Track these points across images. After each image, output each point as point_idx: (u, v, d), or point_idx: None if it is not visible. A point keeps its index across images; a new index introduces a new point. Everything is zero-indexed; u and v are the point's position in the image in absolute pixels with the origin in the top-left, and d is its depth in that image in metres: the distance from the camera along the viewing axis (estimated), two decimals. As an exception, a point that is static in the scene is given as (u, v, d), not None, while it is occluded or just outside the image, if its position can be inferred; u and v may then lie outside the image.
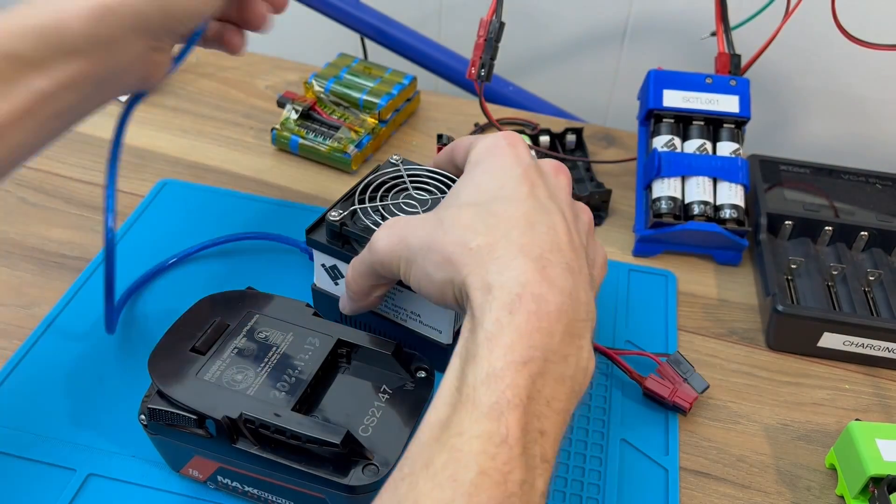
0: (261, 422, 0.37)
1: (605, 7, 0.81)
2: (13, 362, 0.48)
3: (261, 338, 0.42)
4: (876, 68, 0.75)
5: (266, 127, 0.70)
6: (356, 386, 0.42)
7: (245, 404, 0.38)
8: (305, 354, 0.42)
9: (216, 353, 0.41)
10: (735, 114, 0.60)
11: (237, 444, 0.38)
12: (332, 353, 0.42)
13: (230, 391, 0.39)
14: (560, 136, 0.69)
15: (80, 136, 0.67)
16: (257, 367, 0.41)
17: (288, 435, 0.37)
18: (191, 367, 0.40)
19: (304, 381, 0.40)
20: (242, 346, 0.42)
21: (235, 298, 0.45)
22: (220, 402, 0.38)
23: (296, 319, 0.43)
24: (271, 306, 0.44)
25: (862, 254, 0.59)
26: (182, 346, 0.41)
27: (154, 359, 0.41)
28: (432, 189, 0.49)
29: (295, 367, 0.41)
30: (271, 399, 0.39)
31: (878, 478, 0.42)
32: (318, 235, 0.48)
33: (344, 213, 0.46)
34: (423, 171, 0.49)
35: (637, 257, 0.60)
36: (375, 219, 0.46)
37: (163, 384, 0.39)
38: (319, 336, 0.43)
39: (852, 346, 0.52)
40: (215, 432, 0.38)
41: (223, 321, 0.43)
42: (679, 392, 0.48)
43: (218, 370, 0.40)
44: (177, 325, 0.43)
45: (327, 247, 0.47)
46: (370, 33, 0.79)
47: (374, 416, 0.40)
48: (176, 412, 0.38)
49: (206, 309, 0.44)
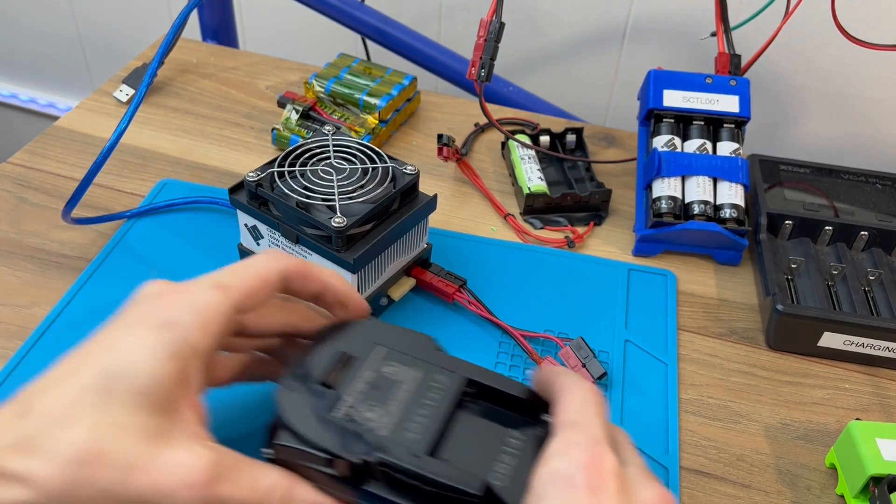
0: (398, 466, 0.35)
1: (604, 7, 0.81)
2: (14, 362, 0.48)
3: (388, 373, 0.39)
4: (876, 68, 0.75)
5: (267, 127, 0.70)
6: (484, 428, 0.38)
7: (380, 446, 0.35)
8: (435, 393, 0.38)
9: (344, 387, 0.38)
10: (735, 114, 0.60)
11: (367, 485, 0.36)
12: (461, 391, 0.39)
13: (363, 430, 0.36)
14: (560, 136, 0.69)
15: (81, 135, 0.67)
16: (387, 406, 0.37)
17: (425, 481, 0.35)
18: (319, 403, 0.37)
19: (437, 422, 0.37)
20: (371, 381, 0.39)
21: (359, 329, 0.42)
22: (353, 443, 0.36)
23: (421, 354, 0.40)
24: (395, 339, 0.41)
25: (862, 253, 0.59)
26: (309, 380, 0.38)
27: (281, 393, 0.38)
28: (354, 160, 0.51)
29: (425, 406, 0.37)
30: (406, 440, 0.36)
31: (879, 477, 0.42)
32: (240, 196, 0.50)
33: (262, 175, 0.49)
34: (351, 143, 0.52)
35: (637, 257, 0.60)
36: (291, 184, 0.48)
37: (293, 421, 0.36)
38: (447, 374, 0.39)
39: (852, 345, 0.52)
40: (350, 472, 0.36)
41: (347, 354, 0.40)
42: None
43: (348, 406, 0.37)
44: (301, 358, 0.40)
45: (247, 207, 0.50)
46: (370, 34, 0.79)
47: (505, 462, 0.36)
48: (307, 451, 0.36)
49: (331, 339, 0.41)
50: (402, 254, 0.52)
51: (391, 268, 0.52)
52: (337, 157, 0.51)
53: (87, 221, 0.57)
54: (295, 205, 0.48)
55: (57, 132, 0.68)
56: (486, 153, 0.69)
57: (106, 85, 0.73)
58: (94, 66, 1.14)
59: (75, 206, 0.55)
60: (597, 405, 0.35)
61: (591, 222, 0.62)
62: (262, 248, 0.52)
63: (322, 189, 0.48)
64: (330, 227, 0.46)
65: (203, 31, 0.84)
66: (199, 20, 0.84)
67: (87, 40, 1.11)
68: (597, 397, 0.36)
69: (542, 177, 0.63)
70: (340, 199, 0.48)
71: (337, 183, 0.49)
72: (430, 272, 0.54)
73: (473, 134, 0.71)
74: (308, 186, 0.49)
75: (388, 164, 0.51)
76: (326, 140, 0.52)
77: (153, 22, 1.03)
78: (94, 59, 1.13)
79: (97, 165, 0.54)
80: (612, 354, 0.52)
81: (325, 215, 0.47)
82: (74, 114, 0.70)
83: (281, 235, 0.49)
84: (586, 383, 0.37)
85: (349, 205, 0.48)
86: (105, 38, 1.10)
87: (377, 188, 0.49)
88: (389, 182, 0.50)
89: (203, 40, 0.84)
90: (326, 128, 0.53)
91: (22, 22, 1.13)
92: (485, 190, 0.64)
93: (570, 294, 0.56)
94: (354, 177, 0.50)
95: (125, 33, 1.07)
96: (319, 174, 0.49)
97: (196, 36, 0.84)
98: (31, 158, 0.65)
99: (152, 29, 1.00)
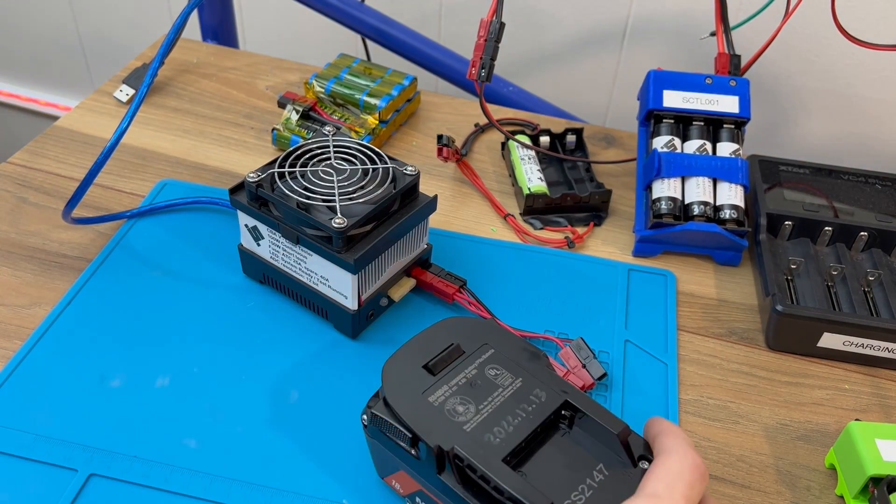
0: (469, 463, 0.36)
1: (604, 7, 0.81)
2: (14, 362, 0.48)
3: (490, 375, 0.40)
4: (876, 68, 0.75)
5: (267, 127, 0.70)
6: (572, 455, 0.38)
7: (459, 440, 0.36)
8: (529, 405, 0.39)
9: (445, 377, 0.40)
10: (735, 114, 0.60)
11: (442, 475, 0.37)
12: (557, 412, 0.39)
13: (449, 421, 0.37)
14: (560, 137, 0.69)
15: (81, 135, 0.67)
16: (480, 405, 0.39)
17: (492, 486, 0.35)
18: (419, 385, 0.39)
19: (522, 433, 0.37)
20: (472, 377, 0.40)
21: (477, 326, 0.43)
22: (436, 429, 0.37)
23: (529, 366, 0.41)
24: (509, 344, 0.42)
25: (861, 254, 0.59)
26: (416, 362, 0.40)
27: (388, 367, 0.40)
28: (354, 160, 0.51)
29: (516, 416, 0.38)
30: (485, 442, 0.37)
31: (878, 478, 0.42)
32: (240, 196, 0.50)
33: (262, 176, 0.49)
34: (352, 144, 0.52)
35: (637, 257, 0.60)
36: (291, 184, 0.48)
37: (390, 394, 0.38)
38: (548, 390, 0.40)
39: (852, 346, 0.52)
40: (425, 457, 0.37)
41: (459, 347, 0.42)
42: (570, 376, 0.48)
43: (443, 395, 0.39)
44: (416, 339, 0.42)
45: (247, 207, 0.50)
46: (371, 34, 0.79)
47: (584, 493, 0.36)
48: (395, 425, 0.38)
49: (447, 330, 0.43)
50: (403, 254, 0.52)
51: (391, 268, 0.52)
52: (337, 157, 0.51)
53: (87, 221, 0.57)
54: (295, 205, 0.48)
55: (57, 132, 0.68)
56: (486, 153, 0.69)
57: (106, 85, 0.73)
58: (94, 66, 1.14)
59: (75, 206, 0.55)
60: (687, 485, 0.33)
61: (591, 223, 0.62)
62: (263, 248, 0.52)
63: (322, 190, 0.48)
64: (330, 228, 0.46)
65: (203, 32, 0.84)
66: (199, 20, 0.84)
67: (87, 40, 1.11)
68: (692, 474, 0.34)
69: (542, 177, 0.63)
70: (341, 200, 0.48)
71: (337, 183, 0.49)
72: (430, 273, 0.54)
73: (473, 134, 0.71)
74: (308, 187, 0.49)
75: (389, 165, 0.51)
76: (327, 141, 0.52)
77: (153, 22, 1.03)
78: (95, 59, 1.13)
79: (98, 166, 0.54)
80: (612, 355, 0.52)
81: (326, 216, 0.47)
82: (75, 114, 0.70)
83: (281, 236, 0.49)
84: (690, 453, 0.35)
85: (349, 205, 0.48)
86: (105, 38, 1.10)
87: (377, 189, 0.49)
88: (390, 183, 0.50)
89: (203, 40, 0.84)
90: (327, 128, 0.53)
91: (22, 22, 1.13)
92: (485, 190, 0.65)
93: (569, 294, 0.56)
94: (355, 177, 0.50)
95: (125, 33, 1.07)
96: (320, 175, 0.49)
97: (196, 36, 0.84)
98: (32, 158, 0.65)
99: (152, 29, 1.00)
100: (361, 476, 0.44)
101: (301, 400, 0.48)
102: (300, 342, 0.51)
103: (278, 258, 0.51)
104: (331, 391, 0.48)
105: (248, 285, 0.54)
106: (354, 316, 0.50)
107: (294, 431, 0.46)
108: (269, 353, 0.50)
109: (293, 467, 0.44)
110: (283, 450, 0.45)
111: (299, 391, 0.48)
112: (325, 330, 0.52)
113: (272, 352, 0.50)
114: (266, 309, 0.53)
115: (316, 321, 0.52)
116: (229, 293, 0.54)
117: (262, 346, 0.51)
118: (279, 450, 0.45)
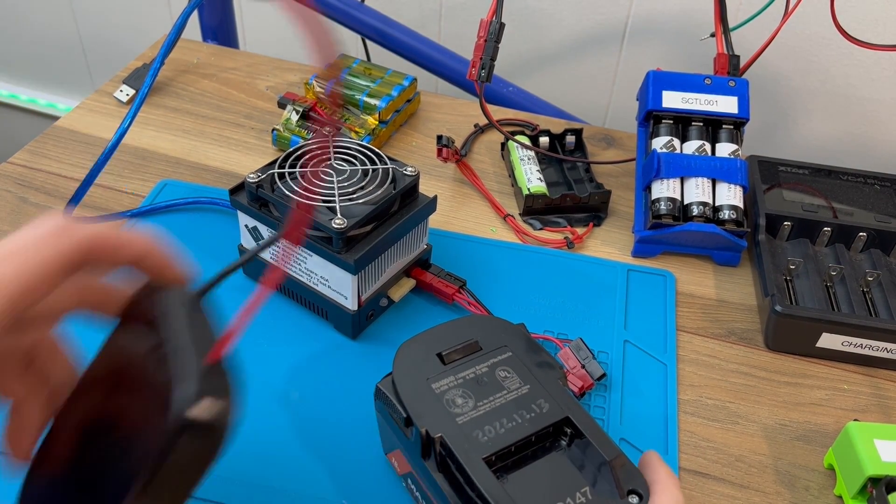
0: (450, 453, 0.37)
1: (604, 7, 0.81)
2: (15, 362, 0.48)
3: (500, 376, 0.41)
4: (875, 69, 0.75)
5: (267, 128, 0.70)
6: (561, 472, 0.38)
7: (449, 429, 0.37)
8: (528, 413, 0.39)
9: (455, 369, 0.40)
10: (734, 115, 0.60)
11: (426, 461, 0.38)
12: (555, 427, 0.39)
13: (445, 410, 0.38)
14: (560, 137, 0.69)
15: (81, 135, 0.67)
16: (479, 401, 0.39)
17: (465, 480, 0.36)
18: (427, 371, 0.40)
19: (511, 438, 0.38)
20: (480, 375, 0.41)
21: (502, 328, 0.44)
22: (430, 415, 0.38)
23: (541, 375, 0.41)
24: (527, 351, 0.42)
25: (860, 254, 0.59)
26: (431, 349, 0.41)
27: (403, 348, 0.41)
28: (354, 161, 0.51)
29: (512, 420, 0.38)
30: (472, 437, 0.37)
31: (877, 478, 0.42)
32: (241, 197, 0.51)
33: (262, 177, 0.49)
34: (351, 144, 0.52)
35: (636, 258, 0.60)
36: (291, 185, 0.49)
37: (397, 374, 0.40)
38: (552, 403, 0.39)
39: (851, 346, 0.52)
40: (414, 439, 0.38)
41: (477, 343, 0.42)
42: (569, 376, 0.48)
43: (447, 385, 0.39)
44: (438, 328, 0.43)
45: (247, 208, 0.50)
46: (371, 34, 0.79)
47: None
48: (394, 403, 0.39)
49: (472, 325, 0.43)
50: (402, 255, 0.52)
51: (391, 269, 0.52)
52: (337, 158, 0.51)
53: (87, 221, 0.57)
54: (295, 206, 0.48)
55: (57, 132, 0.68)
56: (486, 154, 0.70)
57: (106, 85, 0.73)
58: (94, 66, 1.14)
59: (76, 206, 0.55)
60: None
61: (591, 223, 0.62)
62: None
63: (322, 190, 0.48)
64: (330, 229, 0.46)
65: (203, 32, 0.84)
66: (199, 20, 0.84)
67: (87, 40, 1.11)
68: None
69: (541, 178, 0.63)
70: (341, 201, 0.48)
71: (337, 184, 0.49)
72: (430, 273, 0.54)
73: (473, 135, 0.71)
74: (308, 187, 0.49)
75: (389, 166, 0.51)
76: (326, 141, 0.52)
77: (154, 22, 1.03)
78: (95, 59, 1.13)
79: (98, 166, 0.54)
80: (612, 355, 0.52)
81: (326, 216, 0.47)
82: (75, 114, 0.70)
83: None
84: (675, 492, 0.35)
85: (349, 206, 0.48)
86: (106, 38, 1.10)
87: (377, 189, 0.49)
88: (390, 183, 0.50)
89: (203, 41, 0.84)
90: (327, 130, 0.53)
91: (22, 22, 1.13)
92: (484, 191, 0.65)
93: (569, 295, 0.56)
94: (355, 178, 0.50)
95: (126, 33, 1.07)
96: (319, 175, 0.49)
97: (196, 36, 0.84)
98: (32, 158, 0.65)
99: (153, 29, 1.00)
100: (361, 476, 0.44)
101: (301, 400, 0.48)
102: (300, 342, 0.51)
103: (278, 258, 0.51)
104: (331, 391, 0.48)
105: (249, 285, 0.54)
106: (354, 316, 0.50)
107: (294, 431, 0.46)
108: (269, 353, 0.50)
109: (293, 467, 0.44)
110: (284, 450, 0.45)
111: (299, 391, 0.48)
112: (325, 330, 0.52)
113: (272, 352, 0.50)
114: (266, 309, 0.53)
115: (316, 321, 0.53)
116: (229, 293, 0.54)
117: (263, 347, 0.51)
118: (279, 450, 0.45)
